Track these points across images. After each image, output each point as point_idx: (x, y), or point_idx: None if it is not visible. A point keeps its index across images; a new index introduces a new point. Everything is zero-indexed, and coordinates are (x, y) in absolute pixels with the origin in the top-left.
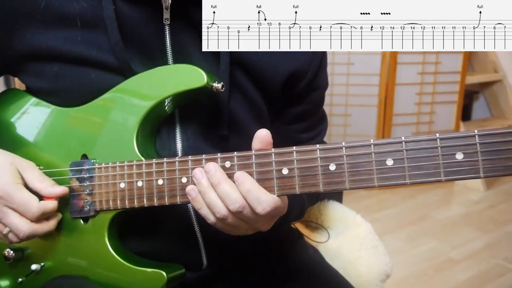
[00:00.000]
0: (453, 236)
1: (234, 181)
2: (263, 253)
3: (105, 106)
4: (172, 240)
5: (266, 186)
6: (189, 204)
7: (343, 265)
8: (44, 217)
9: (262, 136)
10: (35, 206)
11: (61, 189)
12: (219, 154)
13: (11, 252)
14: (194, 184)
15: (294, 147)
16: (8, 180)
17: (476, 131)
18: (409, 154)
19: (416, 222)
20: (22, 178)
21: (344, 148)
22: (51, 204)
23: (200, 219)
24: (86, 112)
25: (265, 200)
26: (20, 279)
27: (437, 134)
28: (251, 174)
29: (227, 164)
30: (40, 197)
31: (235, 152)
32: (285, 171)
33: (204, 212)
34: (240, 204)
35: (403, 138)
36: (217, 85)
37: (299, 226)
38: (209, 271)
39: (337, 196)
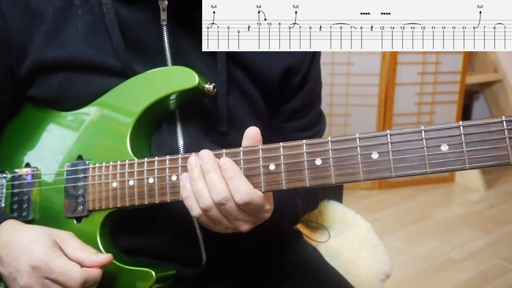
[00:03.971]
0: (453, 236)
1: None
2: (262, 251)
3: (100, 108)
4: (172, 237)
5: (253, 182)
6: None
7: (343, 264)
8: (87, 285)
9: (252, 134)
10: (77, 272)
11: (106, 257)
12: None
13: None
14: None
15: (281, 142)
16: (45, 250)
17: (460, 122)
18: (394, 147)
19: (416, 222)
20: (61, 250)
21: (329, 142)
22: (96, 272)
23: None
24: (82, 114)
25: (245, 191)
26: None
27: (422, 126)
28: None
29: None
30: None
31: (224, 150)
32: (272, 167)
33: (190, 202)
34: (225, 196)
35: (388, 131)
36: (209, 86)
37: (299, 226)
38: (208, 267)
39: (337, 196)
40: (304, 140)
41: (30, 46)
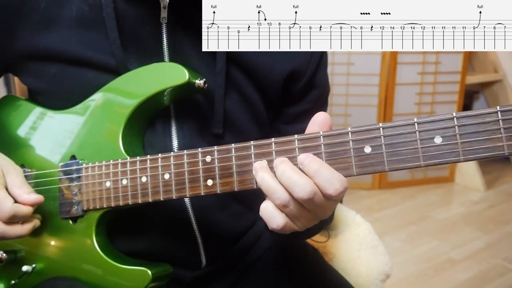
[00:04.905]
0: (453, 236)
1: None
2: (262, 252)
3: (92, 107)
4: (171, 240)
5: (245, 179)
6: (187, 202)
7: (343, 265)
8: (16, 220)
9: (321, 120)
10: (7, 206)
11: (35, 197)
12: (200, 149)
13: (4, 254)
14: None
15: (273, 138)
16: None
17: (454, 113)
18: (387, 140)
19: (416, 222)
20: (5, 181)
21: (322, 137)
22: (25, 209)
23: (199, 217)
24: (74, 113)
25: (338, 179)
26: (13, 281)
27: (415, 119)
28: (230, 167)
29: (208, 158)
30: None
31: (215, 146)
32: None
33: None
34: (311, 189)
35: (380, 124)
36: (199, 82)
37: None
38: (208, 270)
39: None
40: (296, 135)
41: (17, 32)
